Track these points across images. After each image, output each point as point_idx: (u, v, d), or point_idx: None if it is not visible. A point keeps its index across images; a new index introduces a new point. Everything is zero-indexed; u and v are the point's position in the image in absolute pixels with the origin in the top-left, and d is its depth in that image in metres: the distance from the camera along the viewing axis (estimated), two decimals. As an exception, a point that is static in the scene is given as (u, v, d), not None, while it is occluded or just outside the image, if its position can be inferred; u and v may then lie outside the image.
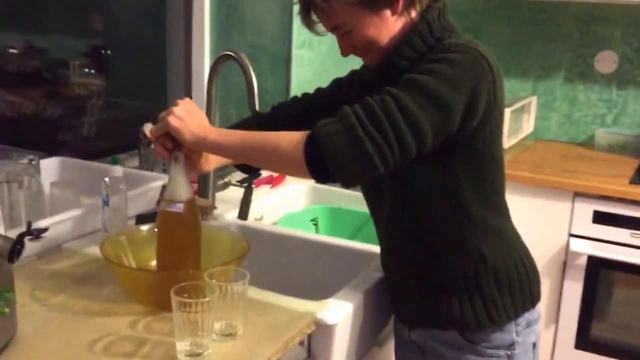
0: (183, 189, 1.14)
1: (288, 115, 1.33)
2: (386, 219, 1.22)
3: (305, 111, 1.32)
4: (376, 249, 1.47)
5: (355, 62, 1.23)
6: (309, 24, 1.15)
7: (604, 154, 2.62)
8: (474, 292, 1.15)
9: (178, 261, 1.14)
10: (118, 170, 1.40)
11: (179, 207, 1.13)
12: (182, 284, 0.99)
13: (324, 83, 1.37)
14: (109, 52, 2.17)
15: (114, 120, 2.22)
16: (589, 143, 2.76)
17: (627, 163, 2.45)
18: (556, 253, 2.27)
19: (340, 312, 1.16)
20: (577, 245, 2.23)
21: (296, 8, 2.17)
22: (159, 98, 2.32)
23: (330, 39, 1.08)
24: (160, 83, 2.32)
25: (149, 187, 1.60)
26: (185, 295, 0.97)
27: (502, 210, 1.20)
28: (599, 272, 2.23)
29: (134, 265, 1.21)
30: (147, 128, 1.80)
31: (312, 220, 1.86)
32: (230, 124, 1.37)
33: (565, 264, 2.26)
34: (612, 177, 2.26)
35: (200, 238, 1.17)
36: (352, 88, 1.28)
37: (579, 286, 2.26)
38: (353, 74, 1.31)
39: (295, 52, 2.24)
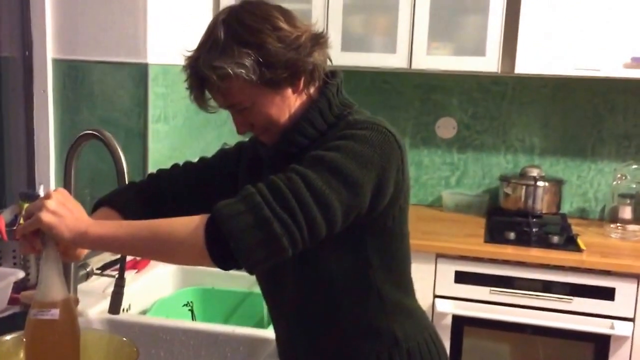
0: (57, 289, 0.98)
1: (169, 183, 1.23)
2: (288, 304, 1.14)
3: (188, 181, 1.23)
4: (265, 333, 1.39)
5: (208, 134, 1.18)
6: (200, 102, 1.07)
7: (452, 214, 2.77)
8: None
9: (54, 378, 0.97)
10: (-37, 271, 1.19)
11: (54, 314, 0.97)
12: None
13: (182, 157, 1.29)
14: None
15: (-59, 207, 1.92)
16: (436, 204, 2.92)
17: (476, 222, 2.61)
18: (423, 314, 2.32)
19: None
20: (442, 305, 2.30)
21: (152, 80, 2.10)
22: (-5, 180, 2.06)
23: (185, 112, 1.03)
24: (-4, 163, 2.07)
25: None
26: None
27: (409, 288, 1.18)
28: (463, 329, 2.32)
29: (-6, 386, 1.01)
30: (-10, 217, 1.58)
31: (185, 304, 1.73)
32: (99, 198, 1.23)
33: (431, 324, 2.32)
34: (468, 236, 2.38)
35: (79, 346, 1.01)
36: (241, 162, 1.22)
37: (445, 345, 2.31)
38: (240, 147, 1.25)
39: (152, 127, 2.12)
